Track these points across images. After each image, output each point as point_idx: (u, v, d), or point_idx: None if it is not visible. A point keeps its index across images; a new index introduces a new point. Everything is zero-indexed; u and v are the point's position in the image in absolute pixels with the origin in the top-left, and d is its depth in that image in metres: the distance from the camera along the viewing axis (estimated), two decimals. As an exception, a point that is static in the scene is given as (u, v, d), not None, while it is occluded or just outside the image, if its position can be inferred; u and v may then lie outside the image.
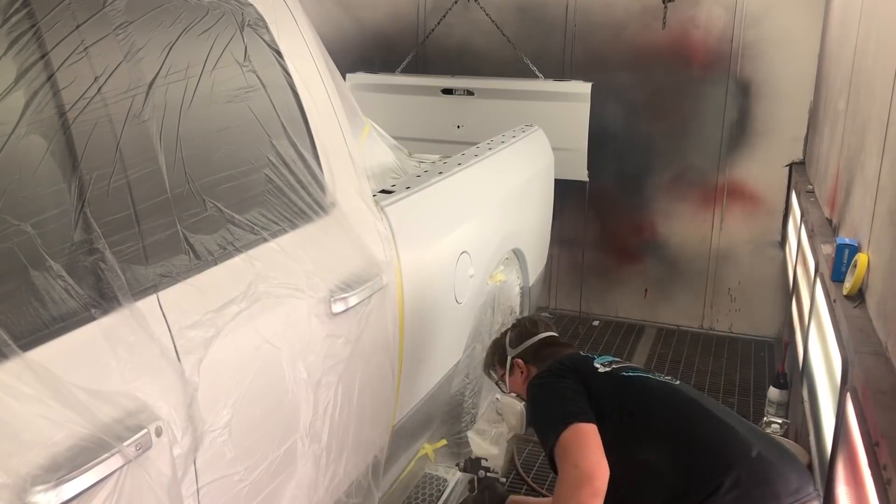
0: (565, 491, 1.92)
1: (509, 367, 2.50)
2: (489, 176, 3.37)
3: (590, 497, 1.89)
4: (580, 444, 1.97)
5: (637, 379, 2.17)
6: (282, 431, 1.83)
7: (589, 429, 1.99)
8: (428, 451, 3.02)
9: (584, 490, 1.89)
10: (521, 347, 2.49)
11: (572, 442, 1.97)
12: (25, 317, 1.25)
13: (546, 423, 2.09)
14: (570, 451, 1.96)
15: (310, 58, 2.22)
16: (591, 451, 1.95)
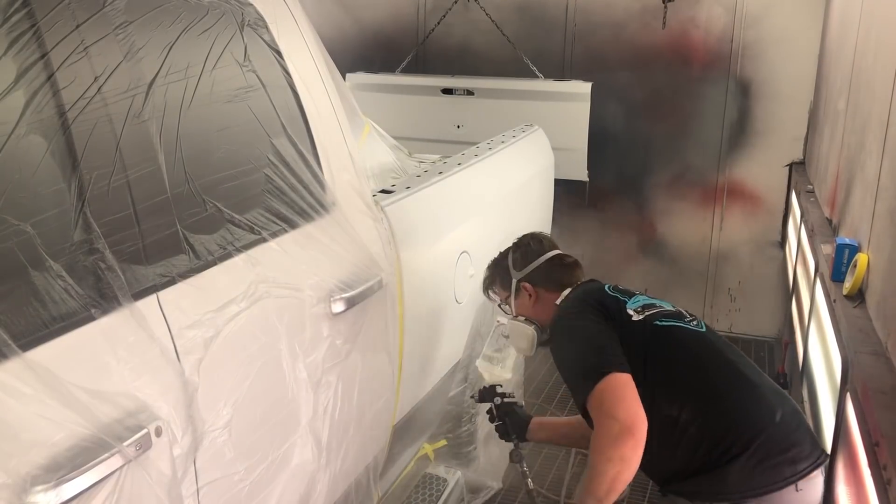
0: (606, 444, 1.88)
1: (514, 290, 2.40)
2: (489, 176, 3.37)
3: (632, 450, 1.87)
4: (619, 394, 1.91)
5: (670, 329, 2.07)
6: (282, 431, 1.83)
7: (626, 379, 1.94)
8: (428, 451, 3.02)
9: (627, 443, 1.86)
10: (527, 269, 2.39)
11: (610, 393, 1.91)
12: (25, 317, 1.25)
13: (579, 370, 2.01)
14: (609, 403, 1.91)
15: (310, 58, 2.22)
16: (630, 402, 1.90)
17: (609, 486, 1.89)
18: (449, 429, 3.09)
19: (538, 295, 2.37)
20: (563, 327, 2.14)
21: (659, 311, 2.12)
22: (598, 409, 1.93)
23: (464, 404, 3.10)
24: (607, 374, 1.93)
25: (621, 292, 2.18)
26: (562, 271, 2.37)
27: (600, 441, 1.91)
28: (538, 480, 3.67)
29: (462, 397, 3.07)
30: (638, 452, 1.88)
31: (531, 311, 2.38)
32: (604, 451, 1.89)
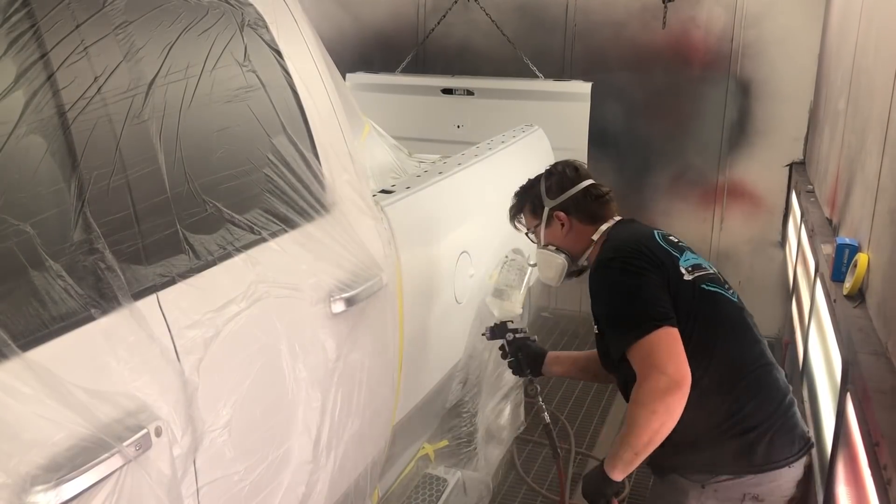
0: (652, 396, 1.89)
1: (546, 218, 2.33)
2: (489, 176, 3.37)
3: (677, 403, 1.88)
4: (670, 348, 1.91)
5: (714, 295, 2.07)
6: (282, 431, 1.83)
7: (676, 334, 1.94)
8: (428, 451, 3.02)
9: (674, 396, 1.88)
10: (561, 198, 2.31)
11: (661, 345, 1.91)
12: (25, 317, 1.25)
13: (628, 318, 1.99)
14: (658, 356, 1.91)
15: (310, 58, 2.22)
16: (680, 357, 1.91)
17: (649, 438, 1.91)
18: (449, 429, 3.09)
19: (571, 225, 2.30)
20: (613, 269, 2.07)
21: (705, 275, 2.10)
22: (644, 361, 1.93)
23: (464, 405, 3.10)
24: (659, 326, 1.93)
25: (672, 245, 2.14)
26: (597, 204, 2.30)
27: (646, 393, 1.90)
28: (538, 481, 3.68)
29: (462, 398, 3.07)
30: (681, 407, 1.89)
31: (562, 241, 2.32)
32: (648, 404, 1.90)
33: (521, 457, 3.84)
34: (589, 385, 4.66)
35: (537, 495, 3.59)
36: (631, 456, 1.95)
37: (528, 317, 3.95)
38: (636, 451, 1.94)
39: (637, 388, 1.93)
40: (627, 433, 1.95)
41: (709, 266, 2.16)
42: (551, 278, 2.36)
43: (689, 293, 2.04)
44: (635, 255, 2.06)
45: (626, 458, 1.96)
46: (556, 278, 2.35)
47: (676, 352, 1.92)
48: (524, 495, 3.60)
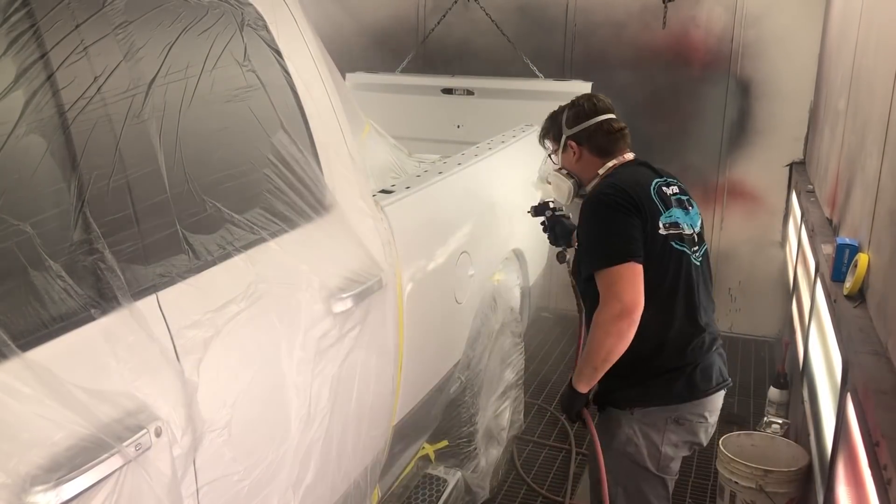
0: (608, 319, 2.22)
1: (562, 145, 2.58)
2: (489, 176, 3.37)
3: (629, 326, 2.21)
4: (631, 280, 2.22)
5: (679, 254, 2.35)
6: (281, 431, 1.82)
7: (639, 269, 2.24)
8: (428, 451, 3.02)
9: (626, 320, 2.20)
10: (576, 129, 2.54)
11: (624, 277, 2.22)
12: (25, 317, 1.25)
13: (604, 247, 2.28)
14: (619, 285, 2.22)
15: (310, 58, 2.22)
16: (636, 289, 2.22)
17: (605, 356, 2.25)
18: (449, 429, 3.09)
19: (581, 154, 2.54)
20: (603, 204, 2.33)
21: (679, 233, 2.36)
22: (607, 287, 2.24)
23: (464, 405, 3.10)
24: (626, 261, 2.23)
25: (663, 198, 2.37)
26: (607, 139, 2.52)
27: (603, 316, 2.24)
28: (538, 481, 3.68)
29: (462, 398, 3.07)
30: (632, 331, 2.22)
31: (574, 167, 2.58)
32: (604, 325, 2.23)
33: (521, 457, 3.84)
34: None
35: (537, 495, 3.59)
36: (591, 370, 2.31)
37: (528, 317, 3.95)
38: (595, 366, 2.29)
39: (598, 312, 2.25)
40: (587, 351, 2.30)
41: (689, 225, 2.40)
42: (561, 198, 2.67)
43: (658, 246, 2.31)
44: (623, 197, 2.31)
45: (587, 372, 2.32)
46: (565, 199, 2.64)
47: (635, 284, 2.22)
48: (524, 495, 3.60)
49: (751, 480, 3.03)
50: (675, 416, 2.36)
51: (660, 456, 2.38)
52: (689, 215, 2.42)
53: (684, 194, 2.46)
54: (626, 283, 2.22)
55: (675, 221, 2.36)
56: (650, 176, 2.42)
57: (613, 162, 2.50)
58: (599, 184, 2.46)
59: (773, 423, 3.55)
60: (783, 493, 3.01)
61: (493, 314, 3.24)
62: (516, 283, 3.70)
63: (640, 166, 2.49)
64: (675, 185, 2.45)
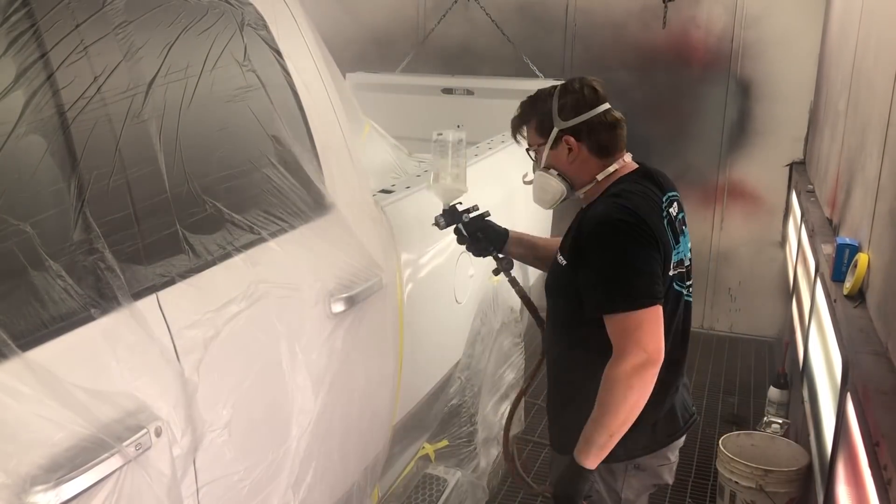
0: (628, 368, 1.87)
1: (553, 140, 2.10)
2: (489, 176, 3.37)
3: (652, 380, 1.89)
4: (655, 327, 1.90)
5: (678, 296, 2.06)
6: (281, 431, 1.82)
7: (661, 314, 1.92)
8: (428, 451, 3.02)
9: (650, 371, 1.88)
10: (575, 121, 2.07)
11: (649, 323, 1.89)
12: (25, 317, 1.25)
13: (624, 286, 1.92)
14: (643, 332, 1.88)
15: (310, 58, 2.22)
16: (661, 338, 1.90)
17: (626, 416, 1.89)
18: (449, 429, 3.08)
19: (579, 153, 2.09)
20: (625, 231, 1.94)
21: (680, 273, 2.07)
22: (628, 335, 1.89)
23: (464, 405, 3.09)
24: (654, 305, 1.90)
25: (672, 229, 2.04)
26: (610, 135, 2.10)
27: (624, 369, 1.87)
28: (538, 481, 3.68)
29: (462, 398, 3.07)
30: (652, 386, 1.90)
31: (566, 167, 2.11)
32: (625, 379, 1.87)
33: (521, 457, 3.84)
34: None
35: (537, 495, 3.59)
36: (605, 439, 1.91)
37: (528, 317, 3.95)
38: (611, 433, 1.90)
39: (613, 364, 1.89)
40: (601, 414, 1.90)
41: (687, 256, 2.11)
42: (544, 202, 2.19)
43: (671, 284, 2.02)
44: (646, 228, 1.95)
45: (601, 441, 1.91)
46: (550, 204, 2.18)
47: (659, 331, 1.90)
48: (524, 495, 3.60)
49: (751, 480, 3.03)
50: (636, 462, 2.08)
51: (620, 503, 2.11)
52: (686, 240, 2.14)
53: (682, 210, 2.14)
54: (650, 330, 1.89)
55: (681, 259, 2.07)
56: (657, 197, 2.06)
57: (615, 167, 2.09)
58: (605, 202, 2.04)
59: (773, 423, 3.55)
60: (783, 492, 3.01)
61: (493, 314, 3.24)
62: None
63: (646, 182, 2.08)
64: (676, 202, 2.11)
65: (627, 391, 1.87)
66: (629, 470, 2.07)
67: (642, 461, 2.08)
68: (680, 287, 2.06)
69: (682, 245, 2.08)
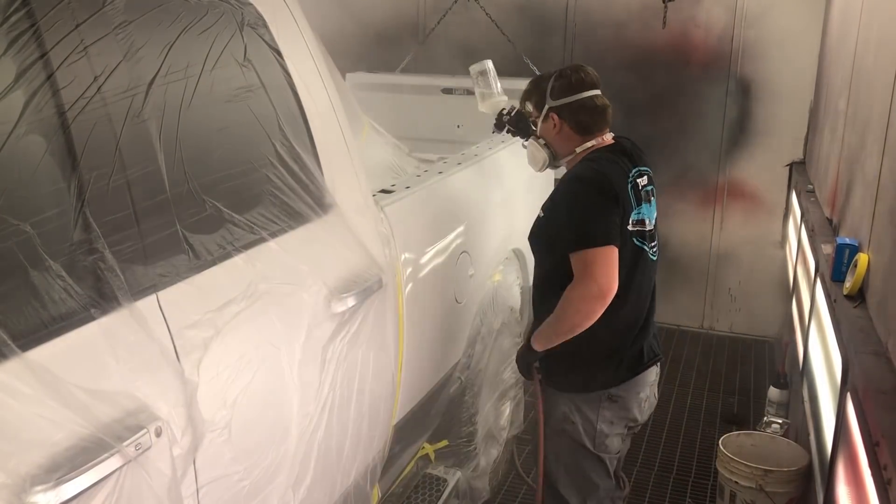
0: (579, 299, 2.29)
1: (544, 115, 2.55)
2: (489, 176, 3.37)
3: (598, 309, 2.29)
4: (609, 264, 2.29)
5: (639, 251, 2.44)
6: (281, 431, 1.83)
7: (616, 255, 2.31)
8: (428, 451, 3.02)
9: (599, 302, 2.28)
10: (559, 102, 2.52)
11: (603, 260, 2.28)
12: (25, 317, 1.25)
13: (585, 229, 2.32)
14: (597, 267, 2.28)
15: (310, 57, 2.22)
16: (613, 274, 2.29)
17: (567, 331, 2.34)
18: (449, 429, 3.09)
19: (562, 129, 2.52)
20: (589, 186, 2.37)
21: (642, 231, 2.45)
22: (584, 268, 2.29)
23: (464, 405, 3.10)
24: (609, 244, 2.29)
25: (635, 194, 2.43)
26: (590, 117, 2.51)
27: (577, 294, 2.30)
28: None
29: (462, 398, 3.07)
30: (599, 314, 2.29)
31: (551, 139, 2.55)
32: (575, 303, 2.30)
33: (521, 457, 3.84)
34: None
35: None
36: (551, 334, 2.39)
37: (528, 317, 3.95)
38: (556, 333, 2.37)
39: (571, 288, 2.31)
40: (553, 319, 2.36)
41: (650, 220, 2.50)
42: (534, 165, 2.65)
43: (624, 240, 2.37)
44: (609, 187, 2.35)
45: (547, 334, 2.40)
46: (537, 167, 2.64)
47: (611, 268, 2.29)
48: (524, 495, 3.60)
49: (751, 480, 3.03)
50: (608, 393, 2.44)
51: (595, 433, 2.45)
52: (651, 208, 2.50)
53: (651, 183, 2.53)
54: (603, 266, 2.27)
55: (642, 219, 2.44)
56: (627, 167, 2.44)
57: (592, 143, 2.50)
58: (580, 165, 2.47)
59: (773, 423, 3.55)
60: (783, 492, 3.01)
61: (493, 314, 3.24)
62: (516, 283, 3.69)
63: (619, 155, 2.48)
64: (646, 176, 2.51)
65: (574, 313, 2.31)
66: (602, 401, 2.44)
67: (614, 392, 2.44)
68: (641, 244, 2.45)
69: (644, 209, 2.45)
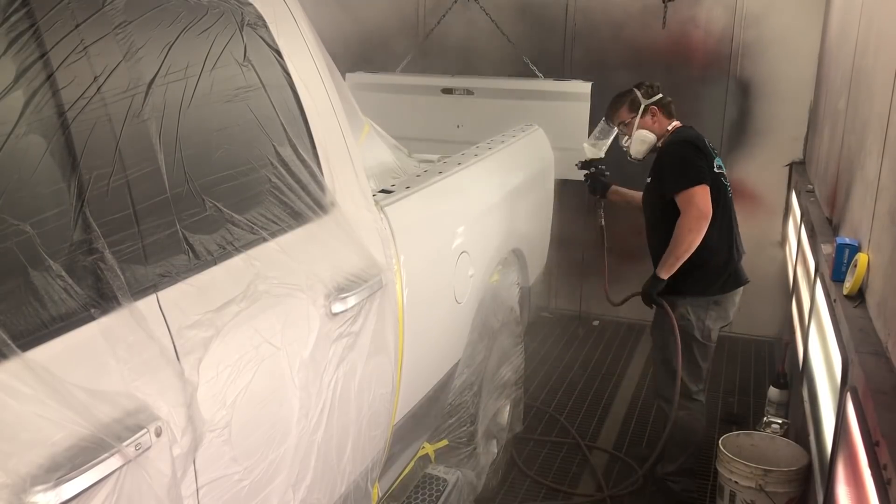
0: (691, 221, 3.24)
1: (643, 111, 3.54)
2: (489, 176, 3.37)
3: (704, 226, 3.25)
4: (706, 197, 3.26)
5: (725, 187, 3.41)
6: (281, 431, 1.83)
7: (708, 190, 3.27)
8: (428, 451, 3.02)
9: (703, 221, 3.25)
10: (651, 100, 3.55)
11: (699, 194, 3.25)
12: (25, 317, 1.25)
13: (687, 173, 3.28)
14: (699, 199, 3.24)
15: (310, 57, 2.22)
16: (708, 201, 3.26)
17: (686, 248, 3.27)
18: (449, 429, 3.08)
19: (658, 116, 3.55)
20: (686, 146, 3.36)
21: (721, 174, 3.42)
22: (688, 201, 3.25)
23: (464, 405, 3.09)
24: (704, 182, 3.26)
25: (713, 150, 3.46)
26: (669, 106, 3.58)
27: (686, 219, 3.25)
28: (541, 473, 3.68)
29: (462, 398, 3.07)
30: (704, 230, 3.25)
31: (650, 126, 3.55)
32: (686, 224, 3.25)
33: (521, 456, 3.84)
34: (590, 382, 4.67)
35: (537, 495, 3.59)
36: (673, 260, 3.30)
37: (528, 317, 3.96)
38: (677, 256, 3.28)
39: (681, 218, 3.26)
40: (672, 246, 3.29)
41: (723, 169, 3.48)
42: (640, 151, 3.59)
43: (716, 180, 3.34)
44: (700, 146, 3.37)
45: (670, 262, 3.31)
46: (644, 151, 3.58)
47: (707, 198, 3.25)
48: (524, 494, 3.60)
49: (751, 480, 3.03)
50: (715, 299, 3.40)
51: (703, 327, 3.39)
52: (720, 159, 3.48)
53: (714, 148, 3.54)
54: (700, 197, 3.23)
55: (720, 165, 3.43)
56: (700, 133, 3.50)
57: (675, 123, 3.54)
58: (672, 136, 3.48)
59: (772, 423, 3.55)
60: (783, 492, 3.01)
61: (493, 314, 3.24)
62: (516, 283, 3.70)
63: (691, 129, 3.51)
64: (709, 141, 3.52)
65: (688, 232, 3.25)
66: (710, 305, 3.41)
67: (719, 298, 3.41)
68: (725, 182, 3.43)
69: (718, 160, 3.44)
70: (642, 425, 4.24)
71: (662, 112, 3.54)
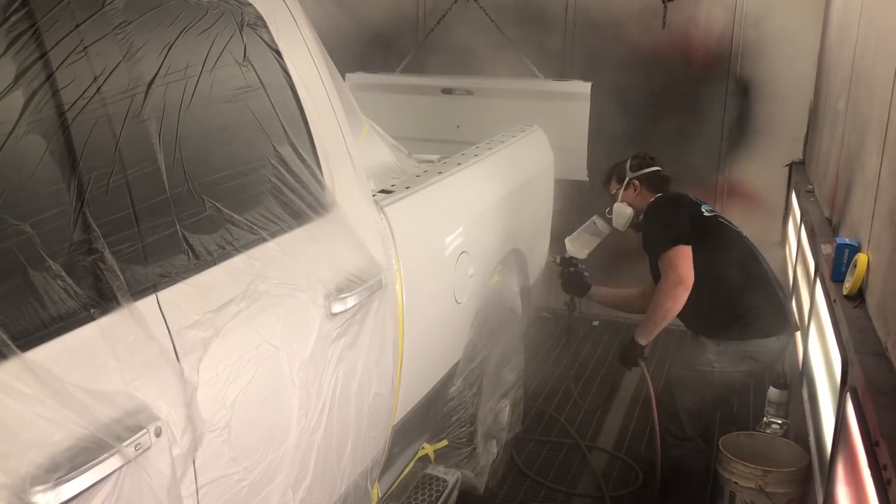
0: (668, 287, 3.15)
1: (626, 184, 3.54)
2: (489, 176, 3.37)
3: (683, 292, 3.13)
4: (684, 259, 3.15)
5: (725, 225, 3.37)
6: (281, 431, 1.83)
7: (689, 250, 3.16)
8: (428, 451, 3.01)
9: (680, 288, 3.13)
10: (639, 172, 3.54)
11: (679, 257, 3.15)
12: (24, 317, 1.25)
13: (664, 233, 3.23)
14: (676, 262, 3.14)
15: (310, 58, 2.22)
16: (689, 265, 3.15)
17: (663, 315, 3.19)
18: (449, 429, 3.08)
19: (640, 190, 3.53)
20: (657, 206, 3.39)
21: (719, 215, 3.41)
22: (667, 264, 3.16)
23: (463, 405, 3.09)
24: (681, 244, 3.16)
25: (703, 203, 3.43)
26: (658, 181, 3.55)
27: (665, 285, 3.16)
28: (541, 474, 3.68)
29: (462, 398, 3.07)
30: (684, 297, 3.13)
31: (632, 200, 3.55)
32: (665, 291, 3.16)
33: (521, 456, 3.84)
34: (589, 385, 4.66)
35: (537, 495, 3.59)
36: (651, 326, 3.23)
37: (527, 317, 3.95)
38: (655, 322, 3.21)
39: (660, 283, 3.18)
40: (650, 311, 3.22)
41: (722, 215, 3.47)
42: (620, 224, 3.60)
43: (708, 223, 3.28)
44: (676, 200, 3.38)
45: (648, 327, 3.24)
46: (624, 224, 3.58)
47: (687, 262, 3.14)
48: (524, 494, 3.60)
49: (750, 480, 3.03)
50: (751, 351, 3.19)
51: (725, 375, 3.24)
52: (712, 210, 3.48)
53: None
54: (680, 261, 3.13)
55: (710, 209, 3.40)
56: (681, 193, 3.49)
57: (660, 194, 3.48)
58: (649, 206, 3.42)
59: (772, 423, 3.55)
60: (783, 493, 3.01)
61: (493, 314, 3.24)
62: (516, 283, 3.70)
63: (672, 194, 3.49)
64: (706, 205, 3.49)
65: (665, 299, 3.16)
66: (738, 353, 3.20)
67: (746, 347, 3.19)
68: (724, 220, 3.39)
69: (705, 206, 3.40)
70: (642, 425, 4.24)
71: (646, 186, 3.51)
